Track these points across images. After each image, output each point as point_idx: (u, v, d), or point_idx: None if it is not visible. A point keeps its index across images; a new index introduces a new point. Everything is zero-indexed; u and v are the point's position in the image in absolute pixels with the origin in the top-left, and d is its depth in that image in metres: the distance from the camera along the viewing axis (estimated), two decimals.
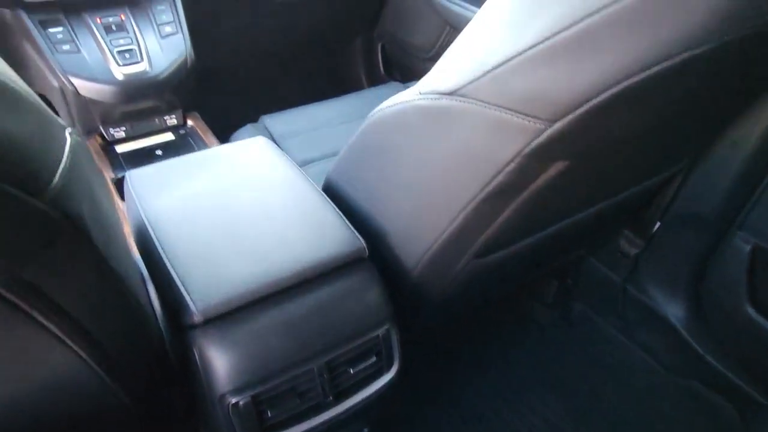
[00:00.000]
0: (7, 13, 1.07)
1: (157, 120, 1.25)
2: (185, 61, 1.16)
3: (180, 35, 1.17)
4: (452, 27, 1.52)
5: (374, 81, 1.95)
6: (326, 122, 1.28)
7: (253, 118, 1.29)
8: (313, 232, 0.67)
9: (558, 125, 0.45)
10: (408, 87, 1.40)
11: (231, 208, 0.70)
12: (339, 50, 1.93)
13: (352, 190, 0.75)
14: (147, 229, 0.68)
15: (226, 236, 0.66)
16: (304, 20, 1.62)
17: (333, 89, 2.04)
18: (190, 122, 1.29)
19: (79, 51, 1.08)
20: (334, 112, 1.32)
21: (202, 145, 1.23)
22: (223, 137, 1.27)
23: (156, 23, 1.16)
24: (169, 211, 0.70)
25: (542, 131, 0.46)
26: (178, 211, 0.70)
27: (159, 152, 1.19)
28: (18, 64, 1.17)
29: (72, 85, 1.07)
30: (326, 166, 1.18)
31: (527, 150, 0.48)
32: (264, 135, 1.22)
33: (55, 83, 1.10)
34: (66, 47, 1.07)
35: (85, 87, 1.07)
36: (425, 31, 1.63)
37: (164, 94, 1.18)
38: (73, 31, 1.09)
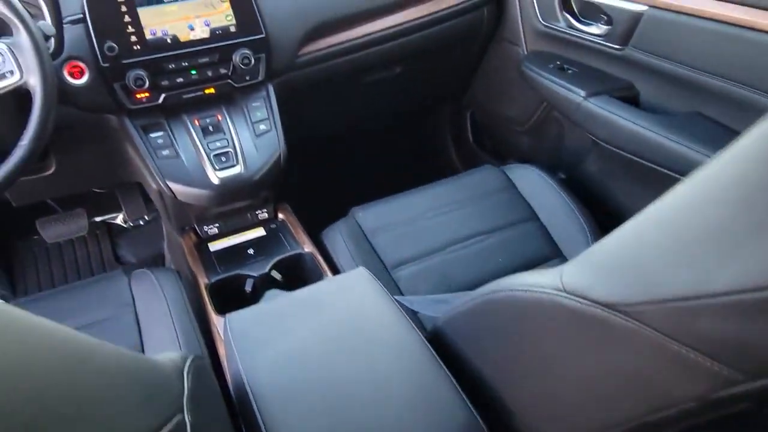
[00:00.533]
0: (113, 119, 1.09)
1: (249, 215, 1.24)
2: (279, 158, 1.13)
3: (274, 132, 1.15)
4: (549, 104, 1.43)
5: (462, 150, 1.88)
6: (419, 214, 1.22)
7: (343, 206, 1.25)
8: (428, 410, 0.60)
9: (761, 382, 0.36)
10: (503, 169, 1.34)
11: (335, 371, 0.65)
12: (426, 119, 1.88)
13: (468, 352, 0.67)
14: (246, 389, 0.64)
15: (328, 407, 0.61)
16: (391, 96, 1.59)
17: (421, 160, 2.00)
18: (281, 215, 1.27)
19: (177, 156, 1.08)
20: (428, 202, 1.26)
21: (293, 243, 1.20)
22: (314, 231, 1.24)
23: (251, 121, 1.15)
24: (269, 371, 0.65)
25: (739, 382, 0.37)
26: (278, 372, 0.65)
27: (251, 251, 1.17)
28: (122, 162, 1.19)
29: (170, 190, 1.07)
30: (421, 269, 1.13)
31: (715, 396, 0.39)
32: (354, 230, 1.18)
33: (154, 186, 1.11)
34: (165, 152, 1.08)
35: (183, 192, 1.07)
36: (520, 104, 1.55)
37: (258, 194, 1.16)
38: (173, 134, 1.10)
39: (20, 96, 0.87)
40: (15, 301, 1.02)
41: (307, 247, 1.17)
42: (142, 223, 1.76)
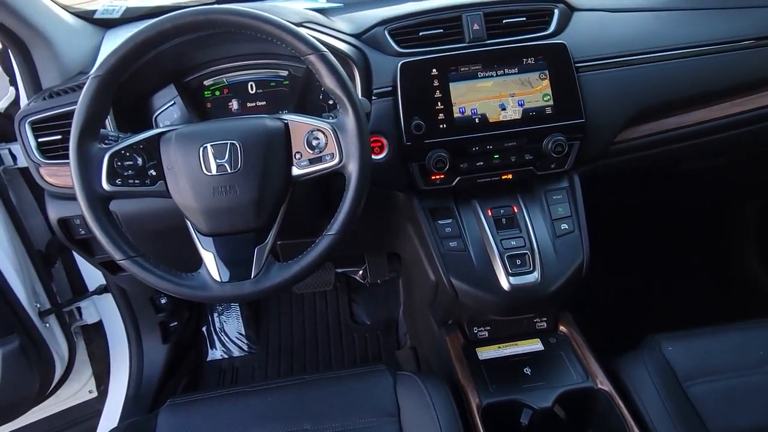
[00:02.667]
0: (400, 196, 1.00)
1: (525, 321, 1.05)
2: (581, 266, 0.93)
3: (577, 233, 0.95)
4: None
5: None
6: (756, 363, 0.93)
7: (637, 328, 1.00)
8: None
9: None
10: None
11: None
12: (719, 218, 1.54)
13: None
14: None
15: None
16: (700, 188, 1.29)
17: (710, 266, 1.64)
18: (562, 328, 1.06)
19: (465, 250, 0.94)
20: (762, 347, 0.95)
21: (579, 368, 0.98)
22: (602, 354, 1.01)
23: (551, 217, 0.97)
24: None
25: None
26: None
27: (527, 371, 0.98)
28: (396, 235, 1.10)
29: (452, 288, 0.93)
30: None
31: None
32: (664, 370, 0.92)
33: (432, 277, 0.99)
34: (453, 244, 0.95)
35: (466, 293, 0.93)
36: None
37: (549, 308, 0.97)
38: (462, 224, 0.96)
39: (332, 177, 0.81)
40: (274, 383, 0.96)
41: (601, 383, 0.94)
42: (379, 282, 1.70)
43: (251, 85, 1.06)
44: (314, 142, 0.78)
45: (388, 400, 0.90)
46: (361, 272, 1.70)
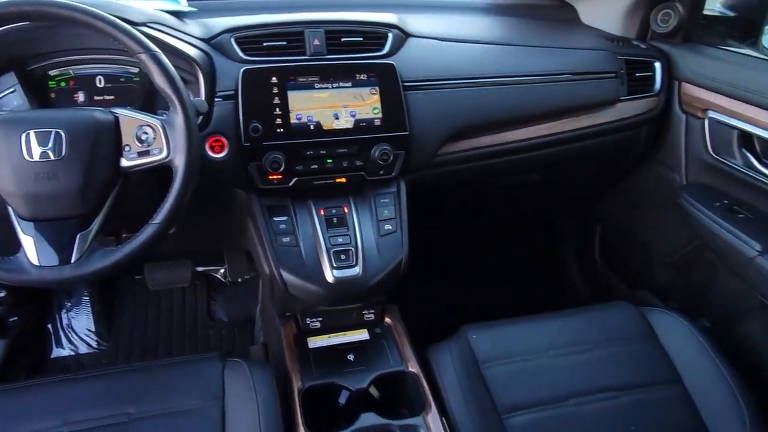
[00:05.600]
0: (241, 193, 1.06)
1: (354, 313, 1.15)
2: (400, 264, 1.05)
3: (399, 234, 1.07)
4: (704, 244, 1.25)
5: (585, 266, 1.71)
6: (542, 349, 1.08)
7: (452, 313, 1.14)
8: None
9: None
10: (643, 312, 1.16)
11: None
12: (548, 226, 1.75)
13: None
14: None
15: None
16: (521, 203, 1.48)
17: (539, 272, 1.85)
18: (387, 319, 1.17)
19: (297, 245, 1.02)
20: (552, 335, 1.12)
21: (396, 355, 1.09)
22: (419, 339, 1.13)
23: (377, 218, 1.07)
24: None
25: None
26: None
27: (351, 357, 1.08)
28: (240, 232, 1.16)
29: (282, 280, 1.00)
30: (537, 420, 0.97)
31: None
32: (466, 355, 1.06)
33: (267, 270, 1.06)
34: (286, 240, 1.02)
35: (295, 285, 1.01)
36: (667, 235, 1.38)
37: (371, 299, 1.08)
38: (296, 221, 1.04)
39: (161, 171, 0.85)
40: (106, 370, 0.98)
41: (412, 366, 1.06)
42: (240, 280, 1.74)
43: (99, 79, 1.07)
44: (143, 137, 0.83)
45: (214, 384, 0.96)
46: (222, 270, 1.73)
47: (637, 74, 1.26)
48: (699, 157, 1.23)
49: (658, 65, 1.27)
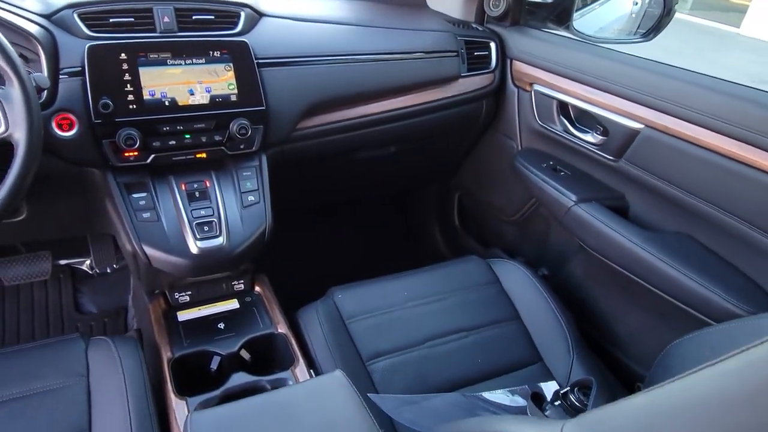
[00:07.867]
0: (96, 173, 1.05)
1: (224, 285, 1.19)
2: (264, 232, 1.10)
3: (262, 204, 1.12)
4: (539, 202, 1.44)
5: (447, 232, 1.87)
6: (400, 302, 1.19)
7: (323, 282, 1.21)
8: None
9: None
10: (489, 263, 1.31)
11: None
12: (413, 198, 1.88)
13: None
14: None
15: None
16: (382, 174, 1.58)
17: (406, 239, 1.99)
18: (257, 288, 1.22)
19: (158, 220, 1.04)
20: (409, 290, 1.23)
21: (267, 321, 1.15)
22: (291, 307, 1.19)
23: (240, 191, 1.11)
24: None
25: None
26: None
27: (221, 325, 1.11)
28: (100, 215, 1.14)
29: (145, 255, 1.02)
30: (397, 363, 1.08)
31: None
32: (332, 313, 1.14)
33: (129, 248, 1.06)
34: (146, 215, 1.03)
35: (158, 259, 1.02)
36: (509, 196, 1.55)
37: (237, 267, 1.12)
38: (156, 197, 1.05)
39: (2, 147, 0.83)
40: None
41: (281, 328, 1.12)
42: (109, 270, 1.68)
43: None
44: None
45: (78, 363, 0.95)
46: (88, 262, 1.66)
47: (476, 53, 1.41)
48: (529, 125, 1.40)
49: (493, 45, 1.43)
